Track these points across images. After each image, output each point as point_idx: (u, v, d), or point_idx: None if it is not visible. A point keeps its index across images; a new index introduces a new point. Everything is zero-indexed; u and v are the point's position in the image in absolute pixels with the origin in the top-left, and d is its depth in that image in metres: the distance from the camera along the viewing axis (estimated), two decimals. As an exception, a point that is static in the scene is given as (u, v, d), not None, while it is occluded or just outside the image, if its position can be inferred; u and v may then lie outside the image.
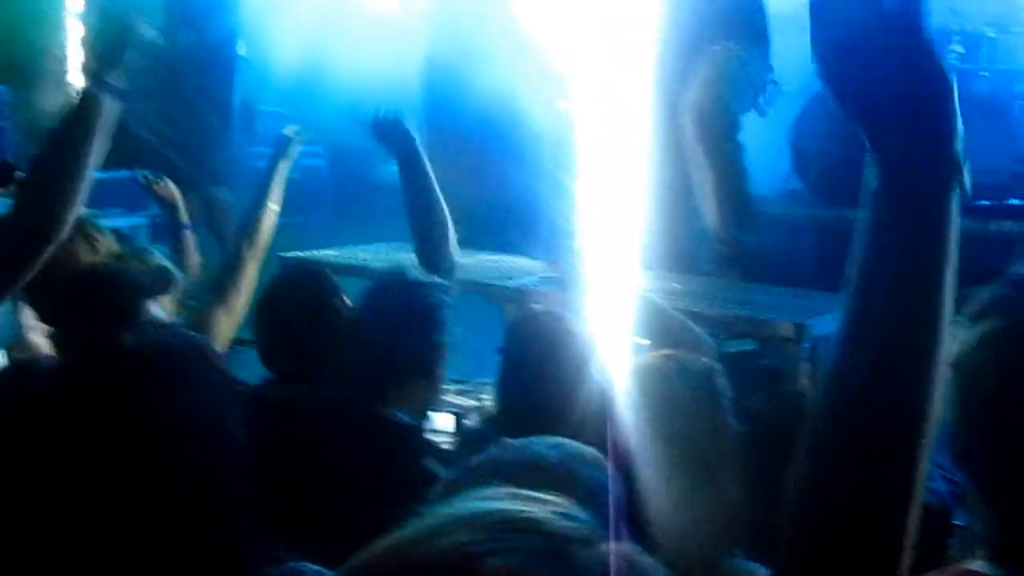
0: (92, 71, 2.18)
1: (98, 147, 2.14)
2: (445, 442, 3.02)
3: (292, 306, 2.42)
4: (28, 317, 2.64)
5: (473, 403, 3.39)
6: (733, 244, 3.75)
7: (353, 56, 7.49)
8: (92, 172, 2.20)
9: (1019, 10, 5.78)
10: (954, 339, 1.17)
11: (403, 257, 4.12)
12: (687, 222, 3.87)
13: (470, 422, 3.19)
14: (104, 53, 2.18)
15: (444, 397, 3.31)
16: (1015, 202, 5.42)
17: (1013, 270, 1.23)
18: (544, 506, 0.67)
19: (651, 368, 1.86)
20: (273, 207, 3.01)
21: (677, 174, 3.79)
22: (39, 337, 2.63)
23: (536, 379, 2.22)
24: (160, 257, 2.73)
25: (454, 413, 3.23)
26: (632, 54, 3.85)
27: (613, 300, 3.11)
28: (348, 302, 2.52)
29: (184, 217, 3.37)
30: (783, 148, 5.77)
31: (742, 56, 3.85)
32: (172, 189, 3.40)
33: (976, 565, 1.16)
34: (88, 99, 2.16)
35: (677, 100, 3.75)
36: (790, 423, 1.76)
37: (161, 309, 2.40)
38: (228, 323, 2.83)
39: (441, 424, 3.14)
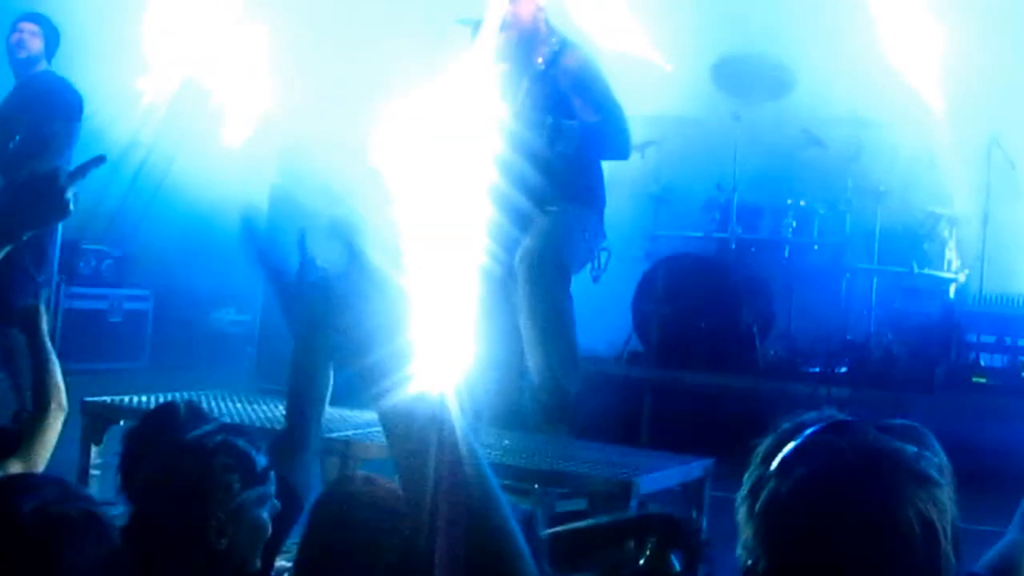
0: None
1: None
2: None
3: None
4: None
5: (286, 564, 3.28)
6: (558, 393, 3.83)
7: (191, 190, 7.47)
8: None
9: (847, 190, 6.33)
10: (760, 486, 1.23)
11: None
12: (517, 376, 3.94)
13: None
14: None
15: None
16: (844, 368, 5.80)
17: (799, 419, 1.29)
18: None
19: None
20: (56, 370, 2.88)
21: (509, 327, 3.89)
22: None
23: (346, 542, 2.13)
24: None
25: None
26: (474, 208, 4.00)
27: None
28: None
29: None
30: (626, 311, 6.03)
31: (580, 216, 4.05)
32: None
33: None
34: None
35: (511, 252, 3.89)
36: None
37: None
38: None
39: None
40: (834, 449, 1.21)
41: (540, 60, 4.00)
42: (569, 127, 3.96)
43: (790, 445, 1.23)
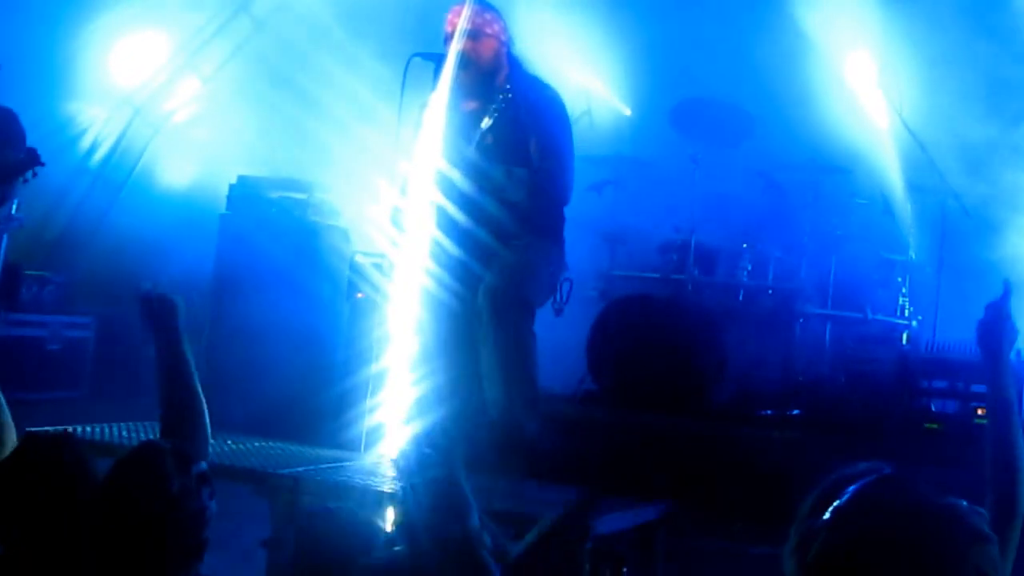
0: None
1: None
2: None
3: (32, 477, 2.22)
4: None
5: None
6: (517, 432, 3.84)
7: (137, 219, 7.42)
8: None
9: (803, 235, 6.45)
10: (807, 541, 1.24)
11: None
12: (475, 414, 3.94)
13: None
14: None
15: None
16: (796, 412, 5.88)
17: (846, 472, 1.30)
18: None
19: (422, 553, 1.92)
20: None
21: (470, 364, 3.90)
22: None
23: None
24: None
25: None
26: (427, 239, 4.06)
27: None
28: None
29: None
30: (580, 351, 6.06)
31: (542, 249, 4.07)
32: None
33: None
34: None
35: (474, 288, 3.91)
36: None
37: None
38: None
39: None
40: (891, 503, 1.22)
41: (503, 97, 4.05)
42: (519, 175, 4.00)
43: (843, 498, 1.24)
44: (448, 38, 3.96)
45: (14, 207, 5.69)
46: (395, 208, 4.02)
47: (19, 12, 6.77)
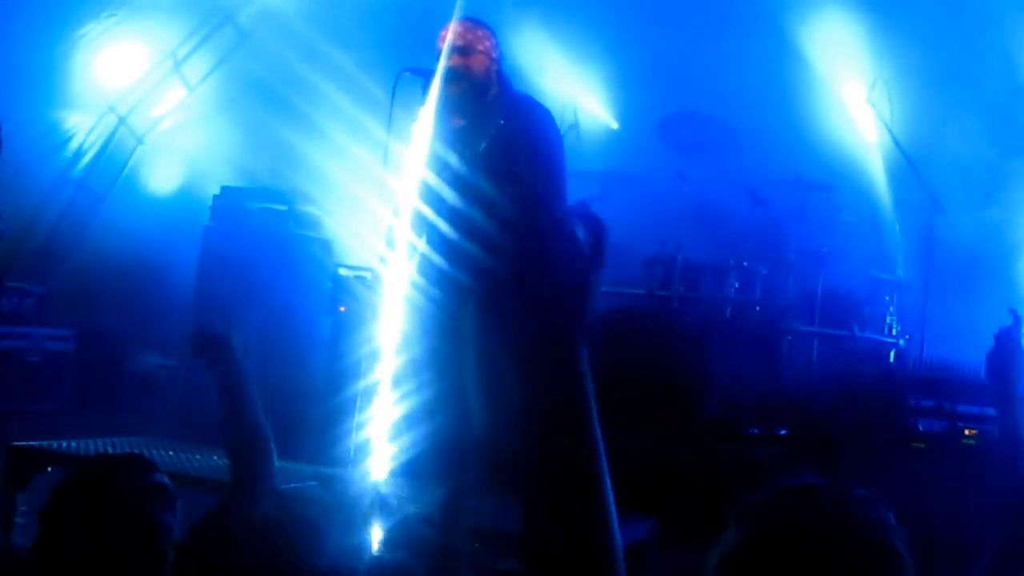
0: None
1: None
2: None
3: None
4: None
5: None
6: (502, 449, 3.87)
7: (120, 230, 7.42)
8: None
9: (790, 252, 6.51)
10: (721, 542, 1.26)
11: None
12: (460, 429, 3.97)
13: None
14: None
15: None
16: (783, 432, 5.92)
17: (779, 482, 1.31)
18: None
19: (390, 569, 1.96)
20: None
21: (456, 381, 3.93)
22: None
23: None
24: None
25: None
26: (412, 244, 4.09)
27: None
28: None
29: None
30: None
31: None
32: None
33: None
34: None
35: (464, 305, 3.94)
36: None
37: None
38: None
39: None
40: (799, 509, 1.23)
41: (497, 114, 4.07)
42: (510, 191, 4.03)
43: (756, 501, 1.26)
44: (441, 54, 3.99)
45: None
46: (390, 227, 4.06)
47: (4, 18, 6.77)
